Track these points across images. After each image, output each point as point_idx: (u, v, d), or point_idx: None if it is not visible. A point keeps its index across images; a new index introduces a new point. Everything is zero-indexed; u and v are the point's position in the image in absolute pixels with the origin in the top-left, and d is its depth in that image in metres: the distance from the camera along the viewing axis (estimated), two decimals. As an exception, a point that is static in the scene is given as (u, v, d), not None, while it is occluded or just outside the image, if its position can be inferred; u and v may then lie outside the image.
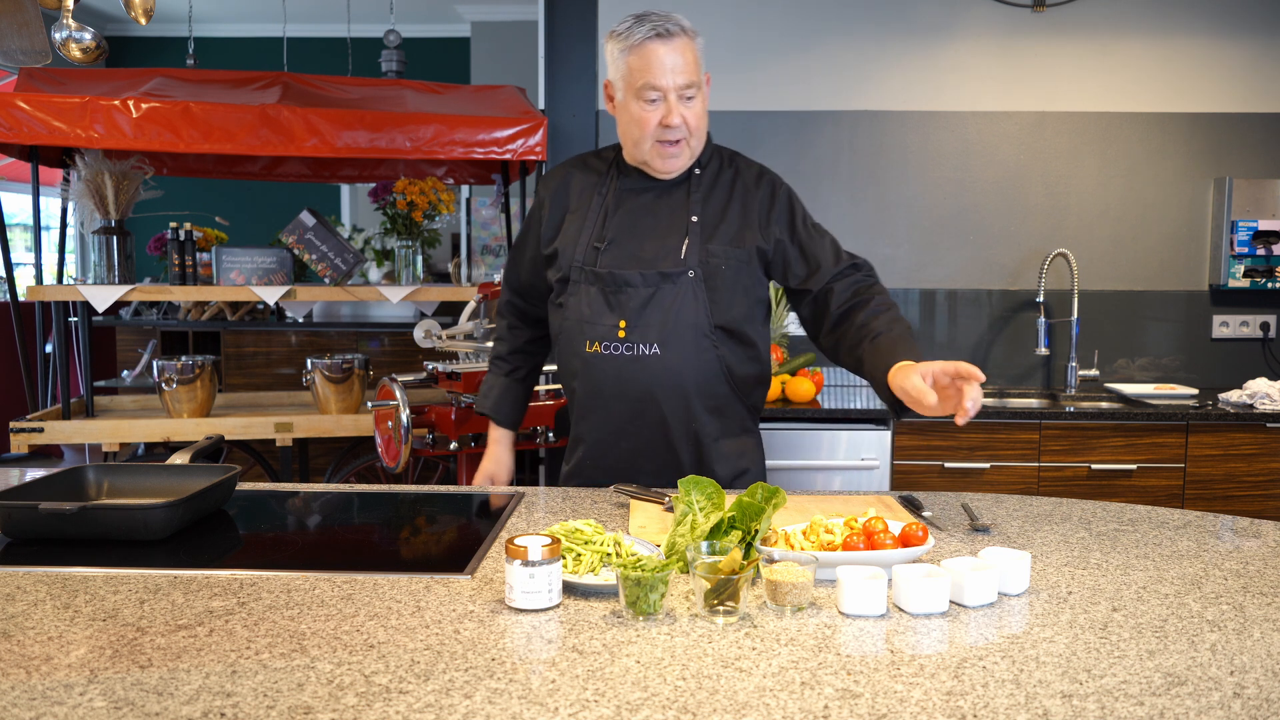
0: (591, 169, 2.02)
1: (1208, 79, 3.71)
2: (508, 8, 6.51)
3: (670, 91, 1.83)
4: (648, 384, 1.89)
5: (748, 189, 1.94)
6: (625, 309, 1.88)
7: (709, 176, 1.95)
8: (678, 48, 1.83)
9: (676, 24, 1.84)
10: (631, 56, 1.83)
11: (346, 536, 1.66)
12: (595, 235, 1.93)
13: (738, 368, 1.94)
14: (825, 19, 3.74)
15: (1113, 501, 1.94)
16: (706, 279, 1.88)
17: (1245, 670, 1.07)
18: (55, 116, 3.06)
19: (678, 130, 1.85)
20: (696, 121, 1.86)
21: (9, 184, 6.91)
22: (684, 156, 1.90)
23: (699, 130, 1.88)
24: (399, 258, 3.82)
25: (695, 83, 1.84)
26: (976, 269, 3.79)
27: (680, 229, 1.90)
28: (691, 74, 1.84)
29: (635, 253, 1.90)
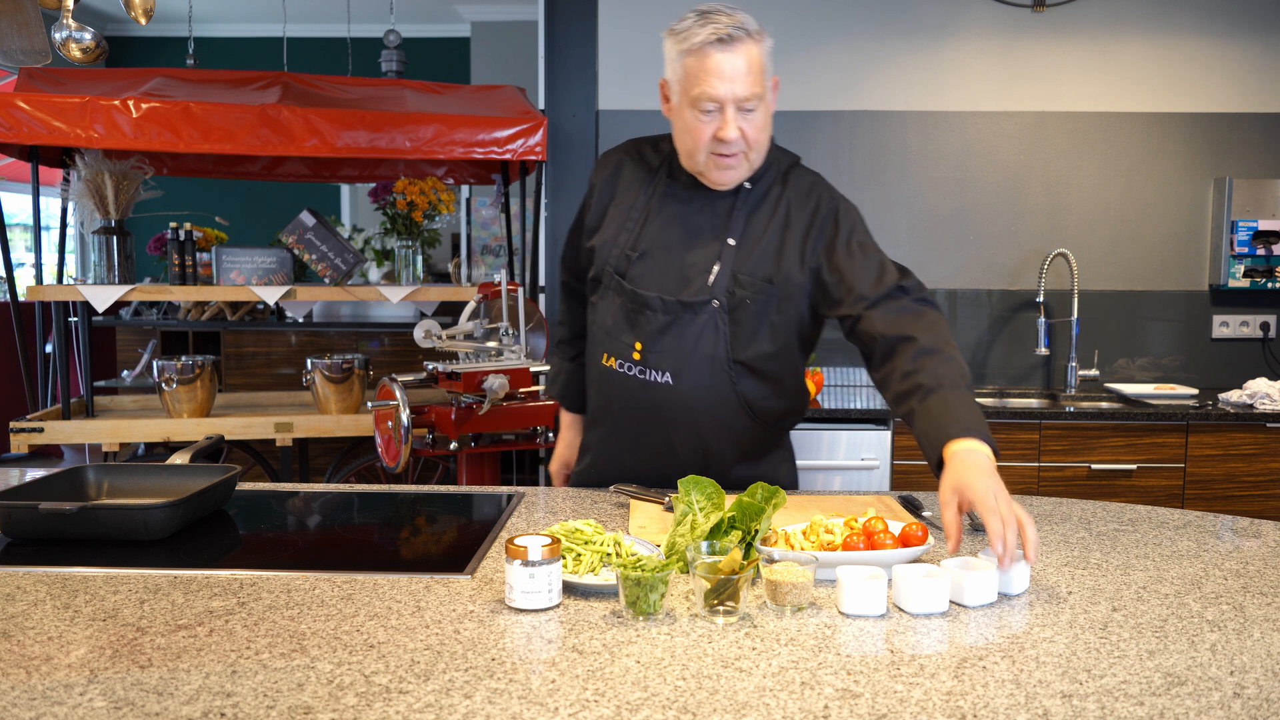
0: (644, 161, 1.88)
1: (1208, 79, 3.71)
2: (508, 8, 6.51)
3: (728, 104, 1.66)
4: (657, 409, 1.81)
5: (792, 209, 1.78)
6: (643, 331, 1.79)
7: (759, 192, 1.80)
8: (740, 55, 1.64)
9: (741, 27, 1.65)
10: (689, 60, 1.66)
11: (346, 536, 1.66)
12: (630, 242, 1.82)
13: (759, 403, 1.83)
14: (825, 19, 3.74)
15: (1113, 501, 1.94)
16: (731, 310, 1.75)
17: (1245, 670, 1.07)
18: (55, 116, 3.06)
19: (734, 144, 1.69)
20: (756, 135, 1.70)
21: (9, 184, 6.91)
22: (741, 169, 1.74)
23: (759, 143, 1.72)
24: (399, 258, 3.82)
25: (757, 94, 1.66)
26: (976, 269, 3.79)
27: (715, 251, 1.77)
28: (753, 85, 1.65)
29: (664, 270, 1.79)
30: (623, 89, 3.76)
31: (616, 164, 1.92)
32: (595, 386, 1.92)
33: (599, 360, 1.87)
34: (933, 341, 1.60)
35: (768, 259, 1.76)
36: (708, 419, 1.81)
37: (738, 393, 1.80)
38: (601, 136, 3.78)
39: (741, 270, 1.76)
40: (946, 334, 1.63)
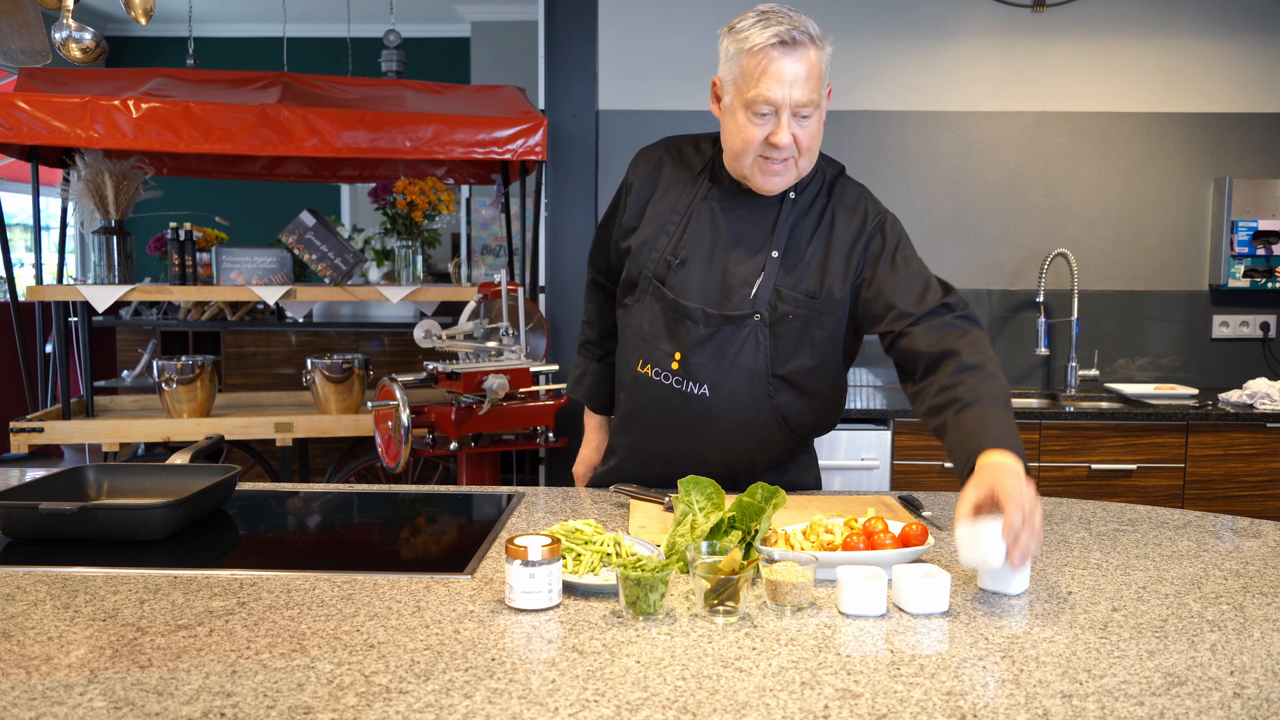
0: (685, 162, 1.84)
1: (1208, 79, 3.71)
2: (508, 8, 6.51)
3: (785, 108, 1.62)
4: (692, 421, 1.77)
5: (837, 222, 1.74)
6: (683, 342, 1.75)
7: (804, 202, 1.76)
8: (801, 60, 1.61)
9: (804, 31, 1.61)
10: (747, 60, 1.61)
11: (346, 536, 1.66)
12: (671, 247, 1.77)
13: (795, 417, 1.79)
14: (825, 19, 3.72)
15: (1113, 501, 1.94)
16: (772, 325, 1.72)
17: (1245, 670, 1.07)
18: (55, 116, 3.06)
19: (785, 150, 1.65)
20: (809, 142, 1.67)
21: (9, 184, 6.91)
22: (789, 176, 1.71)
23: (810, 151, 1.69)
24: (399, 258, 3.82)
25: (814, 101, 1.63)
26: (976, 269, 3.79)
27: (758, 263, 1.73)
28: (812, 91, 1.62)
29: (706, 280, 1.75)
30: (623, 89, 3.76)
31: (657, 161, 1.87)
32: (627, 391, 1.87)
33: (633, 366, 1.82)
34: (975, 358, 1.56)
35: (811, 273, 1.72)
36: (742, 432, 1.79)
37: (774, 406, 1.77)
38: (601, 136, 3.78)
39: (784, 284, 1.72)
40: (989, 351, 1.58)
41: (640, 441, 1.87)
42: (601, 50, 3.76)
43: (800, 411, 1.79)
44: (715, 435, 1.79)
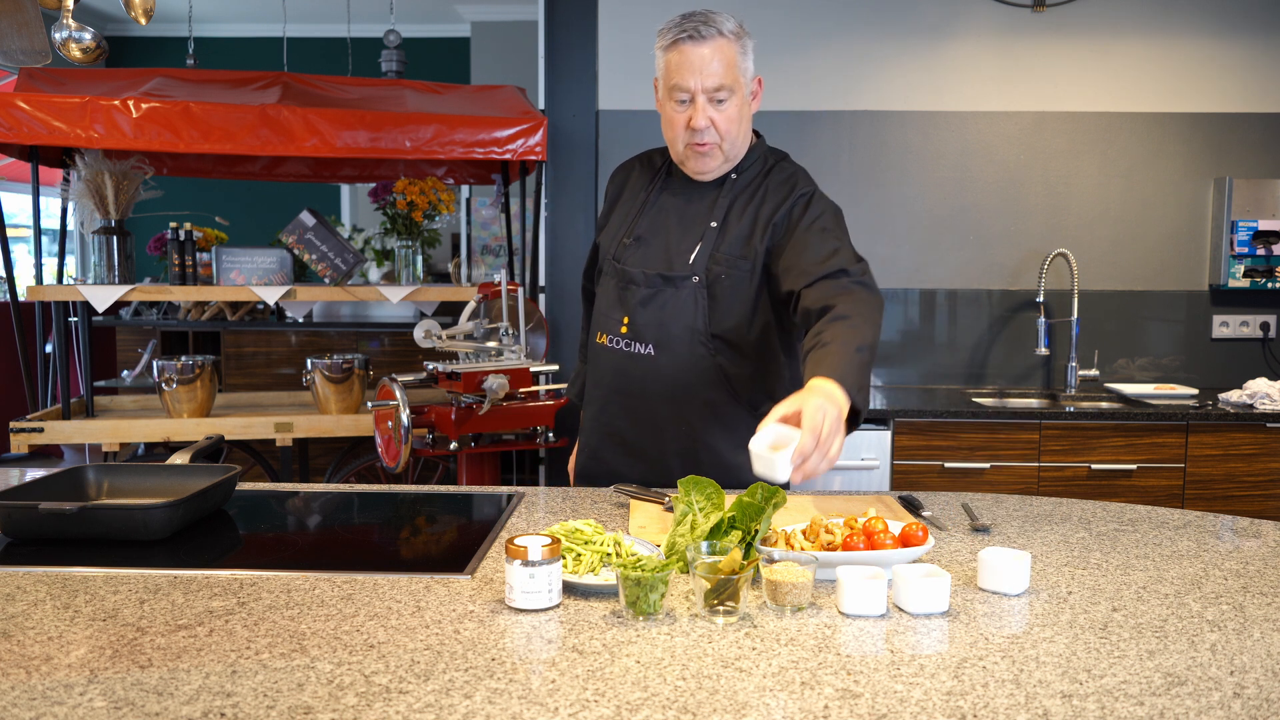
0: (651, 165, 2.04)
1: (1208, 79, 3.71)
2: (508, 8, 6.51)
3: (698, 94, 1.79)
4: (641, 382, 1.90)
5: (769, 193, 1.89)
6: (629, 305, 1.91)
7: (744, 181, 1.91)
8: (712, 49, 1.78)
9: (715, 26, 1.79)
10: (669, 55, 1.81)
11: (346, 536, 1.66)
12: (628, 230, 1.96)
13: (740, 378, 1.89)
14: (825, 19, 3.74)
15: (1113, 501, 1.94)
16: (710, 286, 1.85)
17: (1245, 670, 1.07)
18: (55, 116, 3.06)
19: (705, 133, 1.82)
20: (728, 125, 1.82)
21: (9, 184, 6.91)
22: (716, 159, 1.87)
23: (731, 134, 1.84)
24: (399, 258, 3.82)
25: (727, 86, 1.79)
26: (976, 269, 3.79)
27: (699, 233, 1.88)
28: (723, 77, 1.79)
29: (654, 252, 1.91)
30: (623, 89, 3.76)
31: (628, 169, 2.08)
32: (590, 366, 2.02)
33: (594, 340, 1.99)
34: (848, 311, 1.63)
35: (743, 238, 1.87)
36: (688, 392, 1.88)
37: (716, 364, 1.87)
38: (601, 136, 3.78)
39: (720, 249, 1.86)
40: (867, 310, 1.65)
41: (602, 411, 1.99)
42: (601, 50, 3.76)
43: (745, 372, 1.89)
44: (665, 397, 1.89)
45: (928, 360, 3.81)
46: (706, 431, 1.90)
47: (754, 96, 1.89)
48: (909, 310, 3.81)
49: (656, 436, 1.92)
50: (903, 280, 3.80)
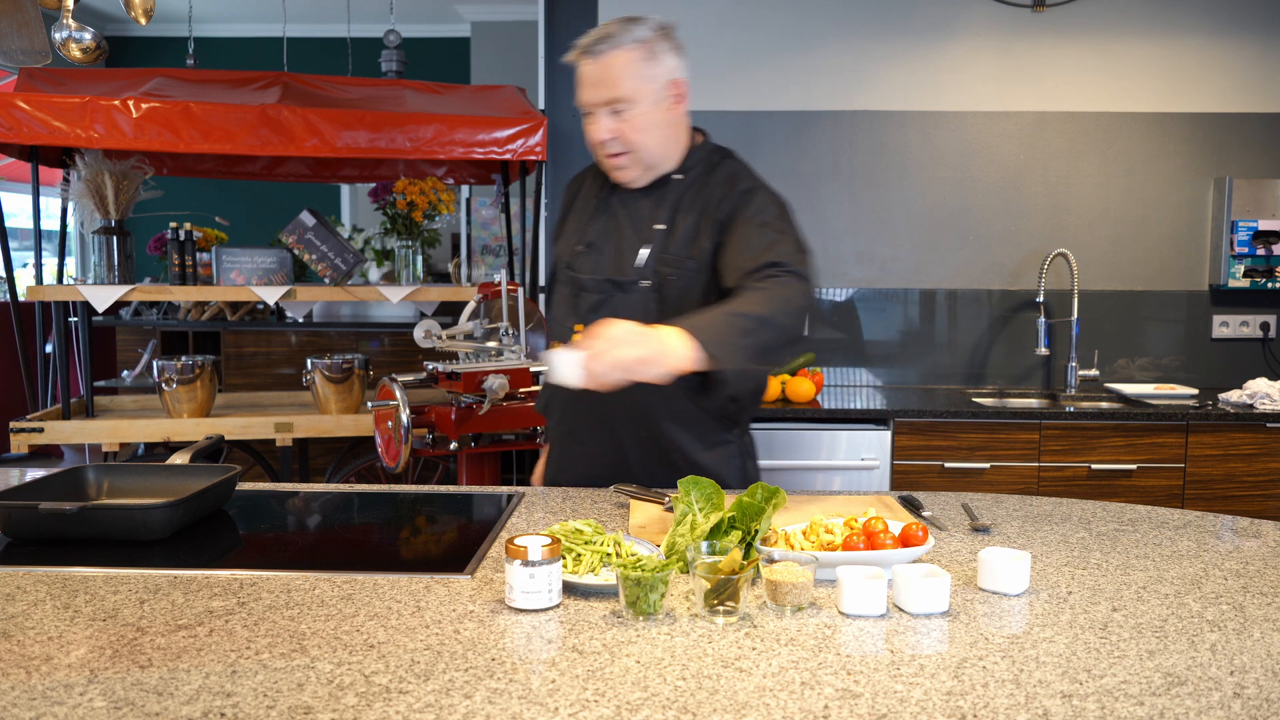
0: (601, 173, 2.02)
1: (1208, 79, 3.71)
2: (508, 8, 6.51)
3: (595, 108, 1.82)
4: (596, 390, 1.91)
5: (712, 191, 1.87)
6: (581, 312, 1.91)
7: (689, 181, 1.90)
8: (605, 64, 1.79)
9: (613, 40, 1.79)
10: (577, 72, 1.86)
11: (346, 536, 1.66)
12: (580, 238, 1.96)
13: (697, 380, 1.86)
14: (825, 19, 3.74)
15: (1113, 501, 1.94)
16: (659, 288, 1.85)
17: (1245, 670, 1.07)
18: (55, 116, 3.06)
19: (609, 145, 1.83)
20: (633, 135, 1.82)
21: (9, 184, 6.91)
22: (633, 169, 1.87)
23: (640, 143, 1.83)
24: (399, 258, 3.82)
25: (621, 98, 1.79)
26: (976, 269, 3.79)
27: (647, 236, 1.88)
28: (615, 89, 1.79)
29: (603, 257, 1.92)
30: (623, 89, 3.75)
31: (581, 180, 2.08)
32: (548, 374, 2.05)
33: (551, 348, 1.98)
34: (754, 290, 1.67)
35: (689, 239, 1.86)
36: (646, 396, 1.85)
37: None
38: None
39: (667, 251, 1.86)
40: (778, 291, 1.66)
41: (561, 419, 2.00)
42: (601, 50, 3.75)
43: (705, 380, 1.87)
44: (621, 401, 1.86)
45: (928, 360, 3.81)
46: (667, 433, 1.91)
47: (676, 99, 1.86)
48: (909, 310, 3.81)
49: (617, 442, 1.93)
50: (903, 280, 3.80)
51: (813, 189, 3.76)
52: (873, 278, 3.79)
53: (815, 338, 3.81)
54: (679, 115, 1.88)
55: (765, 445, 3.20)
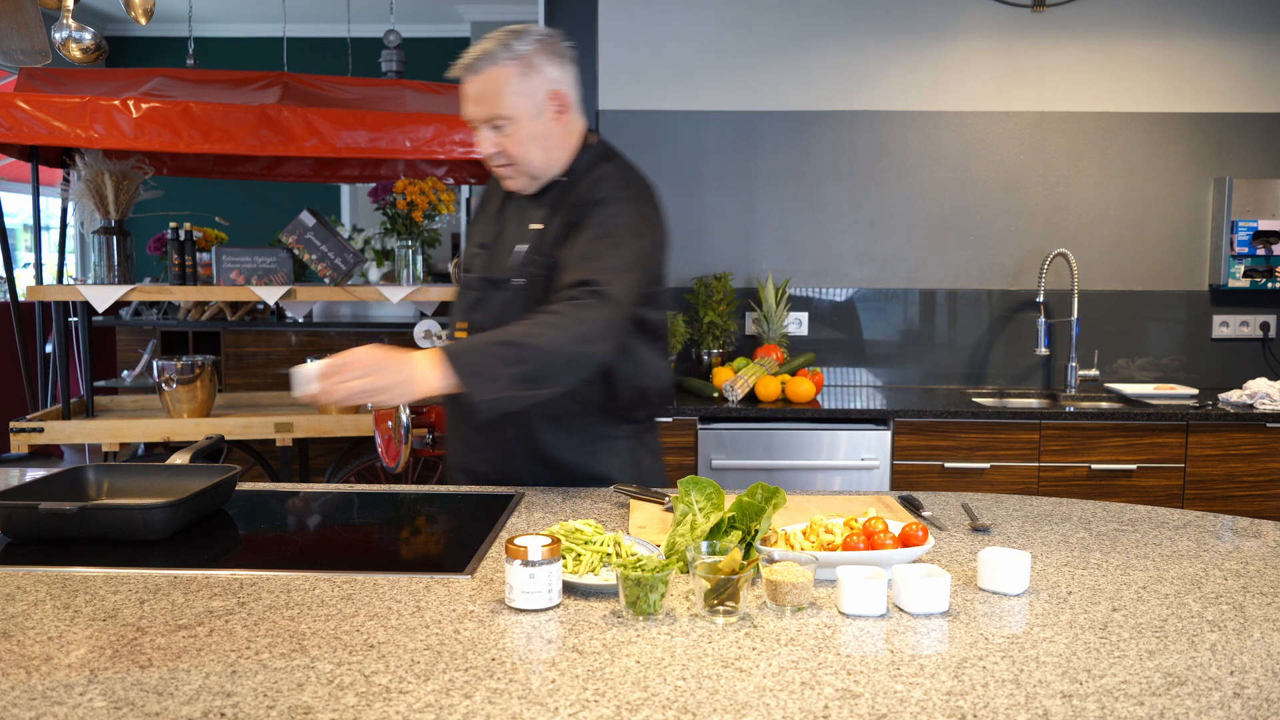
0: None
1: (1208, 79, 3.71)
2: (508, 8, 6.51)
3: (476, 123, 1.85)
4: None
5: (579, 194, 1.88)
6: (464, 310, 1.97)
7: (568, 185, 1.91)
8: (482, 82, 1.82)
9: (487, 58, 1.81)
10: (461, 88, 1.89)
11: (346, 536, 1.66)
12: (477, 239, 2.02)
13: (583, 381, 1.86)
14: (825, 19, 3.74)
15: (1113, 501, 1.94)
16: (530, 287, 1.87)
17: (1245, 670, 1.07)
18: (55, 116, 3.06)
19: (494, 158, 1.87)
20: (515, 149, 1.84)
21: (9, 184, 6.91)
22: (519, 179, 1.90)
23: (523, 156, 1.85)
24: (399, 258, 3.82)
25: (500, 115, 1.82)
26: (976, 269, 3.79)
27: (525, 236, 1.91)
28: (494, 107, 1.81)
29: (489, 257, 1.96)
30: (623, 89, 3.76)
31: (492, 184, 2.09)
32: None
33: None
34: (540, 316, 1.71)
35: (555, 240, 1.88)
36: None
37: None
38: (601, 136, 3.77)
39: (539, 251, 1.88)
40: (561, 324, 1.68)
41: (452, 416, 2.04)
42: (601, 50, 3.76)
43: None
44: None
45: (928, 360, 3.81)
46: (546, 431, 1.92)
47: (559, 110, 1.86)
48: (909, 310, 3.81)
49: (502, 441, 1.95)
50: (903, 280, 3.80)
51: (813, 189, 3.76)
52: (873, 278, 3.79)
53: (815, 338, 3.81)
54: (564, 124, 1.89)
55: (765, 445, 3.21)
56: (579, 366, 1.71)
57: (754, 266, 3.79)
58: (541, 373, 1.65)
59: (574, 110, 1.91)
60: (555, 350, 1.66)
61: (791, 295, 3.77)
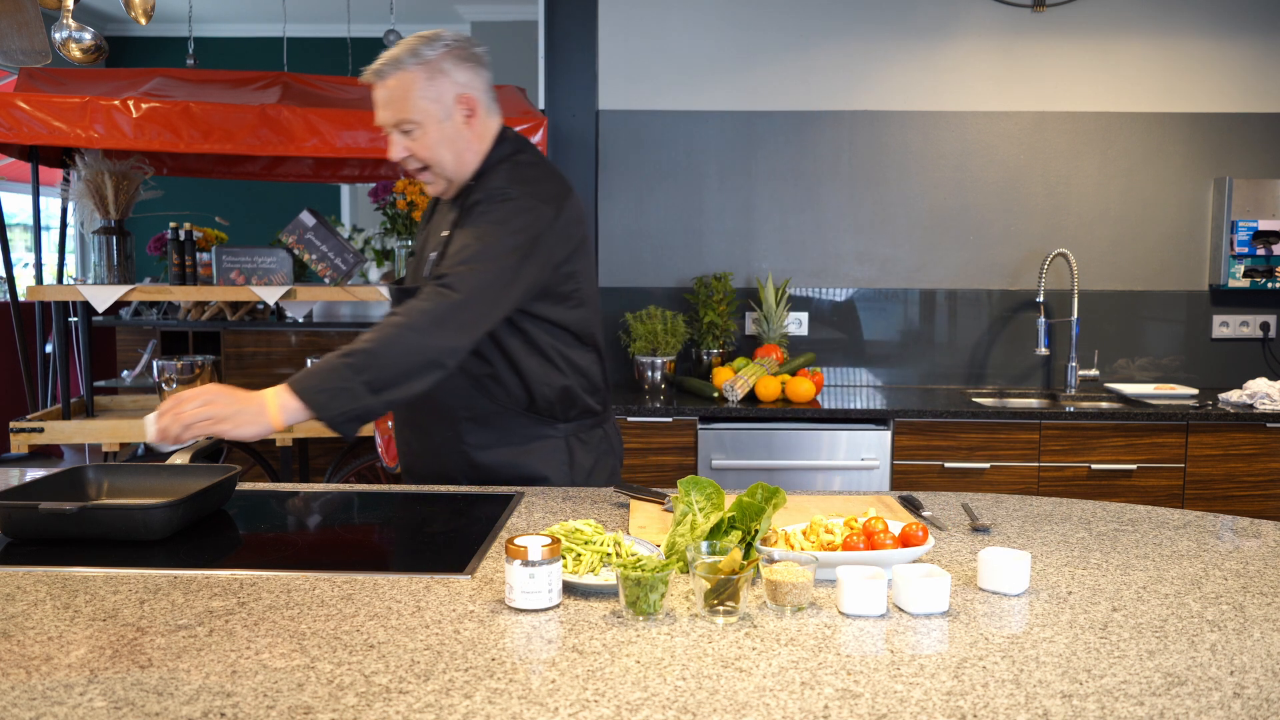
0: None
1: (1208, 79, 3.71)
2: (508, 8, 6.51)
3: (387, 129, 1.87)
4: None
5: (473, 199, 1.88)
6: None
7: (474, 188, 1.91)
8: (389, 89, 1.84)
9: (394, 64, 1.84)
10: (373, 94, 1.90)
11: (346, 536, 1.66)
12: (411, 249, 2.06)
13: (487, 378, 1.91)
14: (825, 19, 3.74)
15: (1113, 501, 1.94)
16: None
17: (1245, 670, 1.07)
18: (55, 116, 3.06)
19: (406, 162, 1.88)
20: (425, 153, 1.86)
21: (9, 184, 6.90)
22: (437, 184, 1.92)
23: (435, 160, 1.87)
24: (399, 258, 3.82)
25: (407, 120, 1.84)
26: (976, 269, 3.79)
27: (437, 242, 1.92)
28: (401, 111, 1.83)
29: (416, 266, 2.00)
30: (623, 89, 3.76)
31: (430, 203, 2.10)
32: None
33: None
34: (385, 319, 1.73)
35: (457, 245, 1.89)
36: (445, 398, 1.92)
37: (462, 368, 1.87)
38: (601, 136, 3.78)
39: (445, 257, 1.87)
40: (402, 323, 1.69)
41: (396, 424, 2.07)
42: (601, 50, 3.76)
43: (487, 373, 1.91)
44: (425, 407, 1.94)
45: (928, 360, 3.81)
46: (470, 433, 1.95)
47: (469, 114, 1.87)
48: (909, 310, 3.81)
49: (432, 445, 1.98)
50: (903, 280, 3.80)
51: (813, 189, 3.76)
52: (873, 278, 3.79)
53: (815, 338, 3.81)
54: (474, 128, 1.89)
55: (765, 445, 3.21)
56: (426, 361, 1.70)
57: (754, 266, 3.79)
58: (388, 375, 1.66)
59: (485, 113, 1.91)
60: (395, 348, 1.67)
61: (791, 295, 3.77)
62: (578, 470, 2.01)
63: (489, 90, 1.93)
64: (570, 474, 2.00)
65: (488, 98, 1.92)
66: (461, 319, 1.73)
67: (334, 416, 1.63)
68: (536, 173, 1.92)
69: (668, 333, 3.51)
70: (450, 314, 1.72)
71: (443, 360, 1.73)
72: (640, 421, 3.23)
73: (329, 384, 1.63)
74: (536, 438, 1.97)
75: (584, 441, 2.02)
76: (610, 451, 2.09)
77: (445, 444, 1.97)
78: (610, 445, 2.09)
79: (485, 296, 1.76)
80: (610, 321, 3.81)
